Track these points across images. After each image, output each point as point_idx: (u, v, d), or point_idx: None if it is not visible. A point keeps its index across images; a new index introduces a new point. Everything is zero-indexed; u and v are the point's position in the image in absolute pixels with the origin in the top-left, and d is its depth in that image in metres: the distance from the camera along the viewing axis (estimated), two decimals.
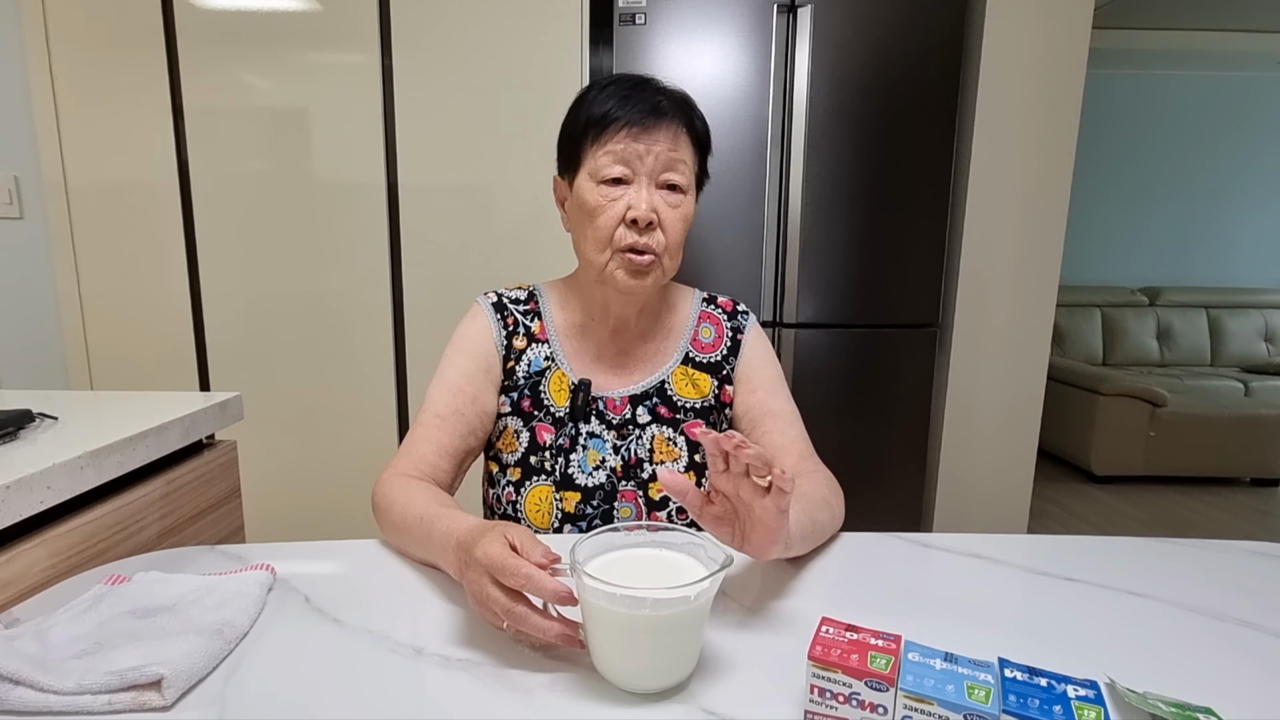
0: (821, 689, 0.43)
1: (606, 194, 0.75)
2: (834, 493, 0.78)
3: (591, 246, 0.77)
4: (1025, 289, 1.91)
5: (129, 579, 0.61)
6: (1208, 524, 2.77)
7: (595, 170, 0.75)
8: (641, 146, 0.74)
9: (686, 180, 0.77)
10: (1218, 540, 0.76)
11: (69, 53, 1.65)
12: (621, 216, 0.75)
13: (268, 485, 1.78)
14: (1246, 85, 4.20)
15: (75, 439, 0.74)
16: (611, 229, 0.75)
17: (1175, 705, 0.44)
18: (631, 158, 0.74)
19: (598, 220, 0.75)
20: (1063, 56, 1.81)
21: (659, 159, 0.74)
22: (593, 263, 0.78)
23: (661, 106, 0.75)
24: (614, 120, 0.74)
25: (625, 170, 0.74)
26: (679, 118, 0.76)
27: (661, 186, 0.76)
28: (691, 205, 0.79)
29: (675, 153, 0.75)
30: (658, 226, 0.75)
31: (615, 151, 0.74)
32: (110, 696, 0.45)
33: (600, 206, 0.75)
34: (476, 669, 0.51)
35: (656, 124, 0.74)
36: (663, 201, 0.76)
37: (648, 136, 0.74)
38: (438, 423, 0.79)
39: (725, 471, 0.55)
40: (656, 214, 0.75)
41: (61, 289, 1.73)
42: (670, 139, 0.75)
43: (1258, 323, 4.15)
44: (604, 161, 0.74)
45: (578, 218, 0.79)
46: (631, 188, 0.75)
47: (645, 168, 0.74)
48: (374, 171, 1.72)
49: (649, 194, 0.74)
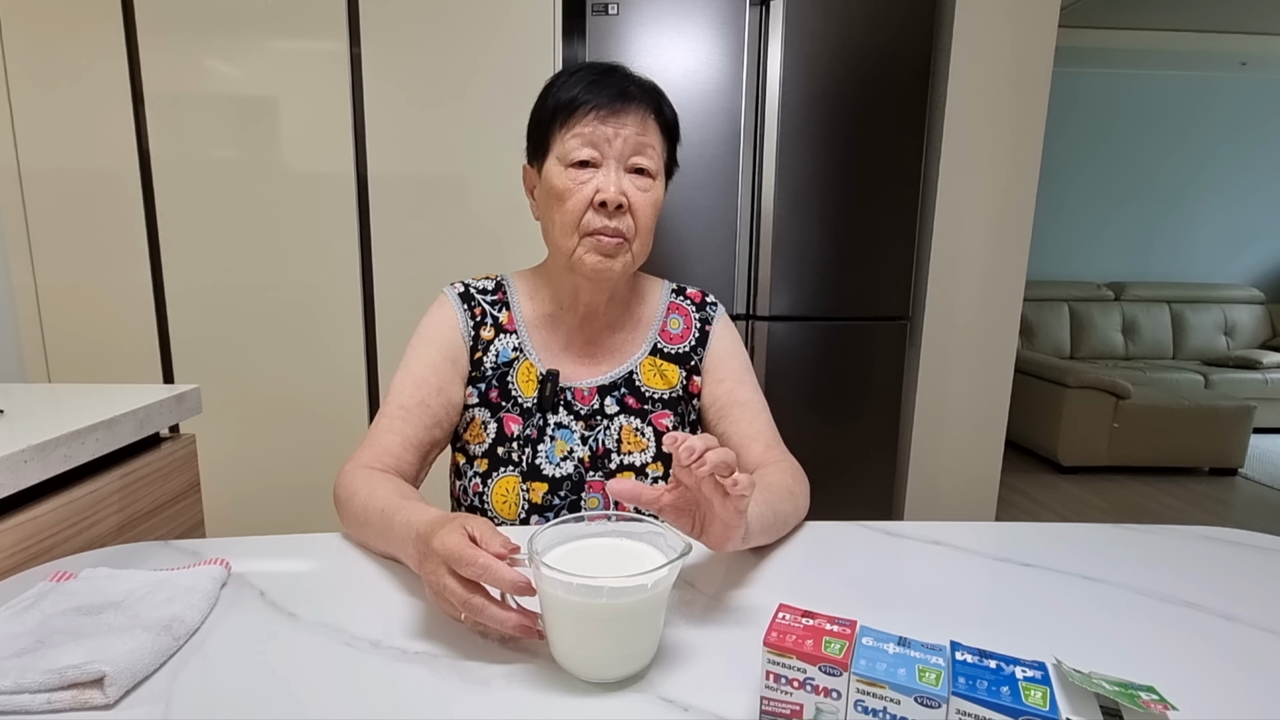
0: (776, 675, 0.44)
1: (575, 177, 0.74)
2: (798, 482, 0.78)
3: (560, 231, 0.76)
4: (994, 283, 1.95)
5: (76, 576, 0.59)
6: (1168, 512, 2.85)
7: (563, 154, 0.75)
8: (609, 129, 0.73)
9: (655, 165, 0.77)
10: (1171, 525, 0.78)
11: (22, 34, 1.59)
12: (590, 200, 0.74)
13: (235, 481, 1.75)
14: (1208, 85, 4.32)
15: (20, 432, 0.72)
16: (580, 212, 0.74)
17: (1118, 684, 0.45)
18: (599, 140, 0.73)
19: (566, 204, 0.75)
20: (1030, 54, 1.84)
21: (627, 142, 0.74)
22: (561, 248, 0.77)
23: (630, 91, 0.75)
24: (582, 104, 0.73)
25: (593, 153, 0.74)
26: (647, 103, 0.76)
27: (630, 170, 0.75)
28: (661, 191, 0.79)
29: (644, 137, 0.75)
30: (627, 210, 0.75)
31: (583, 134, 0.73)
32: (49, 695, 0.44)
33: (568, 190, 0.74)
34: (434, 661, 0.51)
35: (625, 107, 0.74)
36: (632, 185, 0.75)
37: (615, 120, 0.73)
38: (402, 414, 0.78)
39: (687, 466, 0.55)
40: (626, 197, 0.74)
41: (16, 280, 1.68)
42: (638, 123, 0.75)
43: (1217, 317, 4.28)
44: (572, 145, 0.74)
45: (546, 203, 0.78)
46: (600, 171, 0.74)
47: (614, 151, 0.74)
48: (343, 162, 1.69)
49: (618, 177, 0.74)
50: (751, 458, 0.83)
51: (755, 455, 0.83)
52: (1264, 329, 4.32)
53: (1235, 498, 3.05)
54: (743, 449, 0.84)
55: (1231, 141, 4.39)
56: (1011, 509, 2.82)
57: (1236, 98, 4.34)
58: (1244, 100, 4.35)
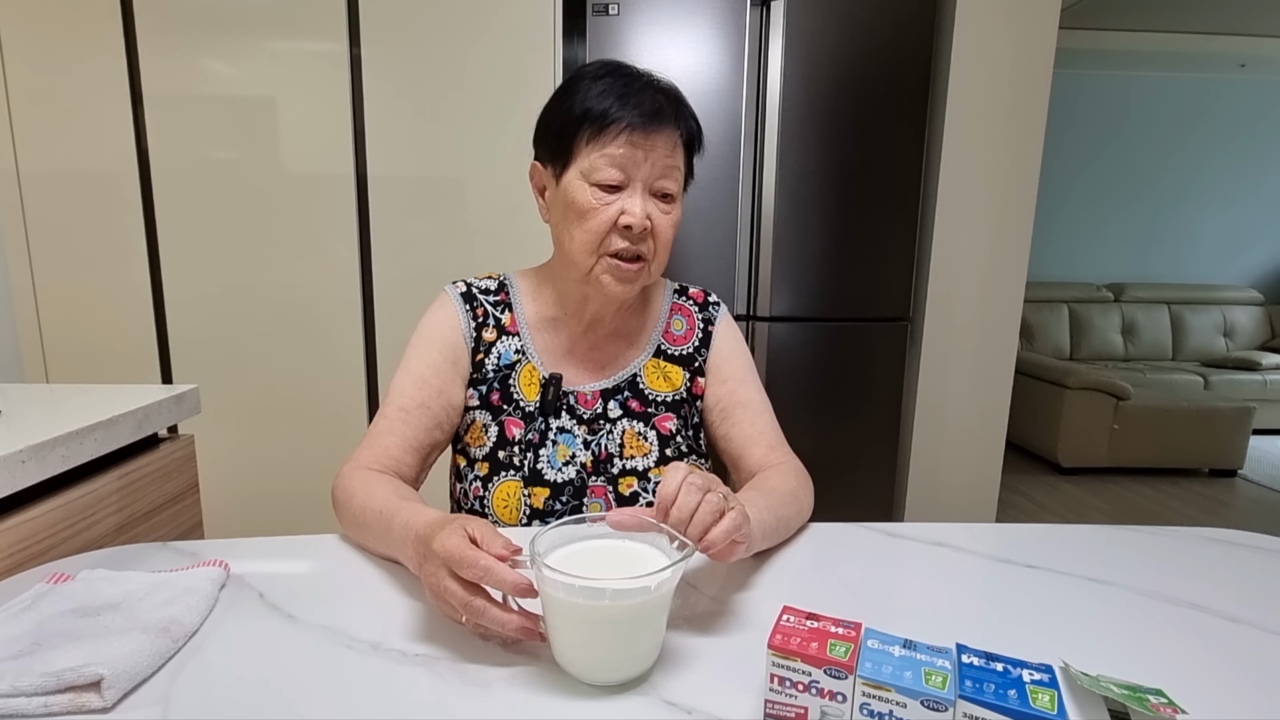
0: (781, 678, 0.43)
1: (600, 197, 0.73)
2: (802, 485, 0.78)
3: (579, 248, 0.75)
4: (994, 284, 1.94)
5: (73, 577, 0.58)
6: (1168, 514, 2.85)
7: (589, 171, 0.73)
8: (640, 154, 0.72)
9: (678, 187, 0.76)
10: (1173, 527, 0.78)
11: (21, 35, 1.58)
12: (614, 221, 0.73)
13: (234, 482, 1.74)
14: (1208, 87, 4.32)
15: (18, 432, 0.71)
16: (602, 233, 0.73)
17: (1127, 687, 0.44)
18: (629, 165, 0.72)
19: (589, 223, 0.73)
20: (1031, 55, 1.84)
21: (655, 166, 0.73)
22: (578, 264, 0.76)
23: (663, 111, 0.73)
24: (614, 121, 0.71)
25: (622, 176, 0.72)
26: (679, 124, 0.75)
27: (655, 194, 0.74)
28: (679, 212, 0.78)
29: (671, 159, 0.74)
30: (649, 234, 0.74)
31: (613, 156, 0.71)
32: (46, 699, 0.43)
33: (593, 209, 0.73)
34: (434, 663, 0.50)
35: (657, 129, 0.72)
36: (656, 209, 0.74)
37: (647, 143, 0.72)
38: (401, 415, 0.78)
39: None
40: (650, 221, 0.73)
41: (15, 280, 1.67)
42: (669, 146, 0.73)
43: (1217, 318, 4.28)
44: (600, 164, 0.72)
45: (564, 215, 0.76)
46: (625, 193, 0.73)
47: (641, 174, 0.73)
48: (343, 162, 1.68)
49: (644, 201, 0.73)
50: (754, 459, 0.82)
51: (758, 457, 0.82)
52: (1263, 330, 4.32)
53: (1235, 499, 3.05)
54: (745, 450, 0.83)
55: (1231, 143, 4.40)
56: (1011, 510, 2.82)
57: (1236, 99, 4.35)
58: (1244, 102, 4.35)
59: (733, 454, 0.85)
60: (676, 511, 0.53)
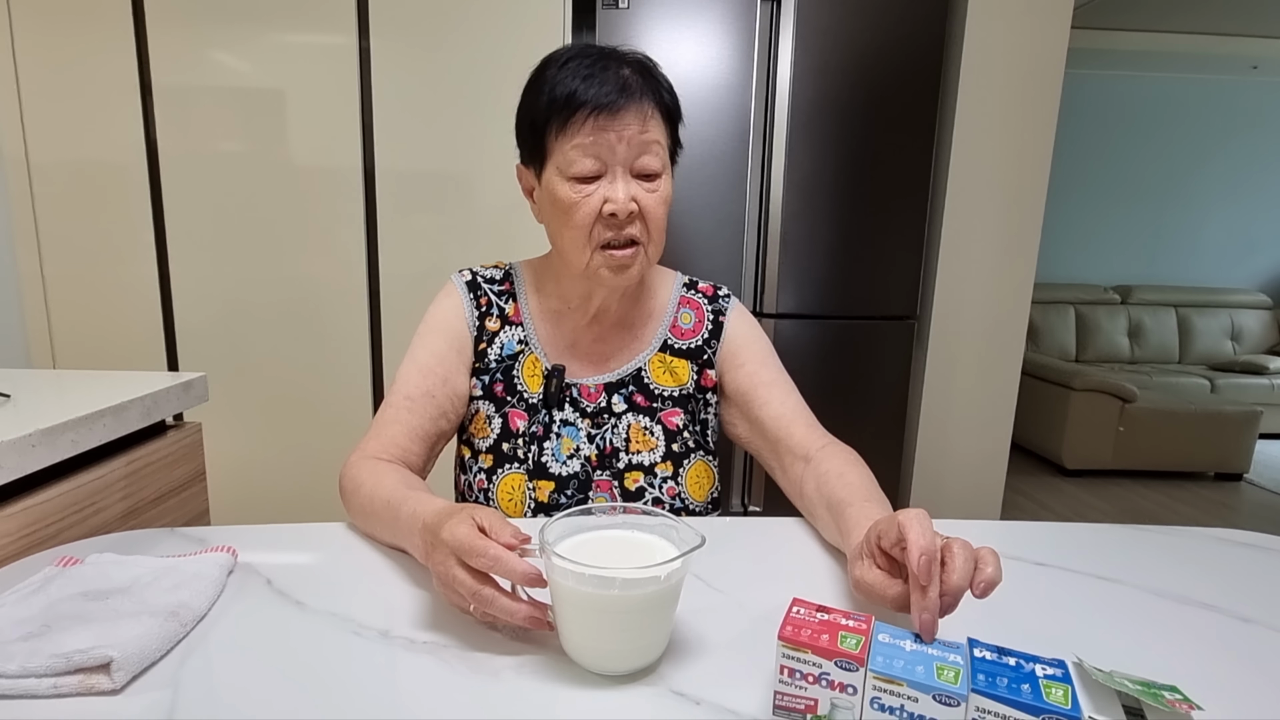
0: (791, 669, 0.43)
1: (579, 190, 0.70)
2: (860, 461, 0.76)
3: (571, 246, 0.73)
4: (1002, 284, 1.94)
5: (82, 561, 0.59)
6: (1172, 517, 2.83)
7: (564, 165, 0.70)
8: (612, 135, 0.69)
9: (661, 162, 0.73)
10: (1183, 527, 0.77)
11: (31, 26, 1.59)
12: (598, 211, 0.71)
13: (240, 471, 1.75)
14: (1218, 88, 4.29)
15: (28, 417, 0.71)
16: (589, 226, 0.71)
17: (1141, 683, 0.44)
18: (602, 150, 0.69)
19: (574, 218, 0.71)
20: (1042, 54, 1.83)
21: (631, 145, 0.70)
22: (574, 261, 0.74)
23: (628, 84, 0.70)
24: (580, 105, 0.68)
25: (597, 164, 0.70)
26: (647, 94, 0.71)
27: (638, 175, 0.72)
28: (669, 186, 0.75)
29: (647, 134, 0.71)
30: (638, 216, 0.72)
31: (583, 145, 0.69)
32: (55, 680, 0.43)
33: (575, 204, 0.71)
34: (443, 651, 0.50)
35: (625, 105, 0.69)
36: (640, 190, 0.72)
37: (617, 122, 0.69)
38: (407, 404, 0.77)
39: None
40: (636, 203, 0.71)
41: (23, 270, 1.68)
42: (640, 120, 0.70)
43: (1224, 321, 4.26)
44: (573, 156, 0.70)
45: (551, 214, 0.75)
46: (605, 180, 0.70)
47: (618, 158, 0.70)
48: (350, 155, 1.68)
49: (625, 184, 0.70)
50: (797, 439, 0.79)
51: (800, 436, 0.79)
52: (1271, 334, 4.30)
53: (1240, 503, 3.03)
54: (784, 431, 0.80)
55: (1241, 145, 4.37)
56: (1015, 511, 2.81)
57: (1247, 101, 4.32)
58: (1255, 103, 4.32)
59: (770, 437, 0.82)
60: (958, 578, 0.47)
